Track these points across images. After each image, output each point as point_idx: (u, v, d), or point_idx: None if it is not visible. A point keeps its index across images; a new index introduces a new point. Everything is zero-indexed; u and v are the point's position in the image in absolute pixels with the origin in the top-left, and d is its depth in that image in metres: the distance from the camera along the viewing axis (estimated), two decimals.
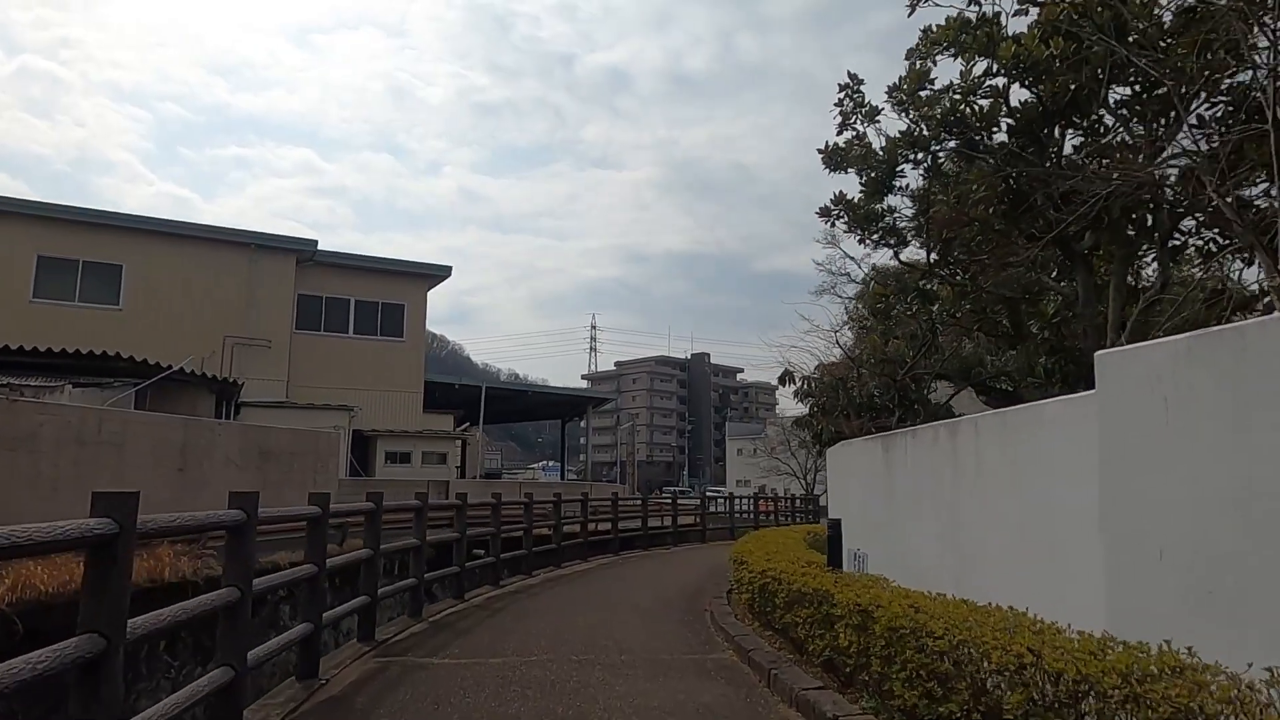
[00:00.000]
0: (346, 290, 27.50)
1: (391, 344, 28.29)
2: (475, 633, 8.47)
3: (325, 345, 26.93)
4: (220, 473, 18.38)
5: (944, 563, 7.10)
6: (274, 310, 25.35)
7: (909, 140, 10.21)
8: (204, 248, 24.56)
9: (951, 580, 6.77)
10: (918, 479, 7.91)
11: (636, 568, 16.10)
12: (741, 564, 9.55)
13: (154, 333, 22.63)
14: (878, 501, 9.22)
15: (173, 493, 15.95)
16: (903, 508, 8.44)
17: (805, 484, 56.92)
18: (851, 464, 10.74)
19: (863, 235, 11.57)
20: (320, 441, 21.92)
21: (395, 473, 26.53)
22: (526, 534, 14.58)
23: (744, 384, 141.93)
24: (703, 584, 13.01)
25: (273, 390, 24.96)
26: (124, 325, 22.78)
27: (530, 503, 14.81)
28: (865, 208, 11.29)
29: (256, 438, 20.01)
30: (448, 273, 29.37)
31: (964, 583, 6.58)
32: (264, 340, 25.00)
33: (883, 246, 11.54)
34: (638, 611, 9.93)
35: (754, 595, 8.19)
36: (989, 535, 6.32)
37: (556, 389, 40.23)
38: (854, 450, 10.63)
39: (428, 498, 10.08)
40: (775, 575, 7.54)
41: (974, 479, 6.57)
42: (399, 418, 27.97)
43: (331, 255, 27.37)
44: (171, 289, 23.86)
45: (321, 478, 22.06)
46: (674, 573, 15.02)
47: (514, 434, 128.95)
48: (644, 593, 11.91)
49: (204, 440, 18.12)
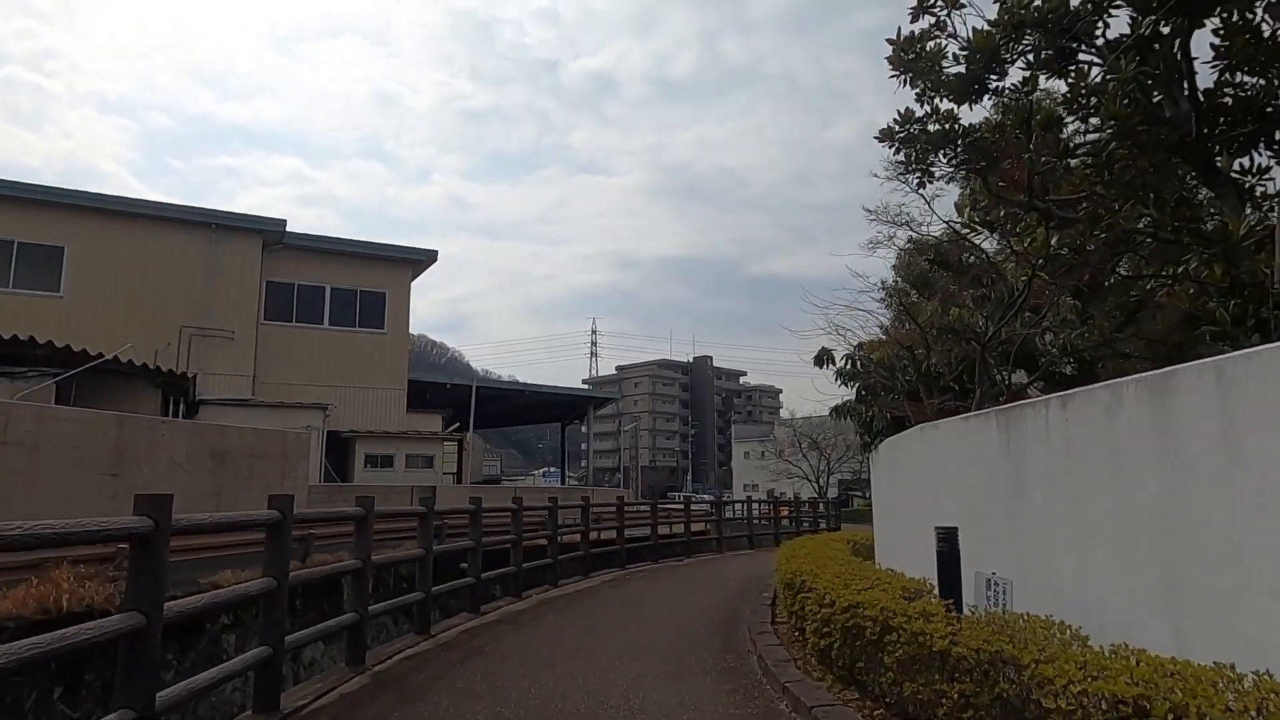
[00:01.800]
0: (321, 277, 24.93)
1: (371, 336, 25.70)
2: (429, 699, 5.85)
3: (297, 337, 24.34)
4: (163, 478, 15.90)
5: (1143, 599, 4.52)
6: (238, 298, 22.76)
7: (1013, 22, 7.64)
8: (158, 228, 21.98)
9: (1166, 630, 4.20)
10: (1082, 470, 5.31)
11: (648, 586, 13.48)
12: (801, 589, 6.94)
13: (100, 322, 20.06)
14: (994, 505, 6.62)
15: (102, 501, 13.48)
16: (1042, 513, 5.84)
17: (818, 487, 54.28)
18: (936, 454, 8.15)
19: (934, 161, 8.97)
20: (287, 443, 19.38)
21: (376, 478, 23.92)
22: (515, 547, 11.98)
23: (747, 387, 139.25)
24: (733, 608, 10.41)
25: (237, 387, 22.39)
26: (65, 314, 20.22)
27: (519, 509, 12.20)
28: (944, 125, 8.72)
29: (210, 438, 17.47)
30: (433, 257, 26.78)
31: (1193, 635, 4.03)
32: (226, 331, 22.41)
33: (963, 173, 8.96)
34: (657, 655, 7.32)
35: (835, 641, 5.57)
36: (1260, 557, 3.72)
37: (554, 388, 37.61)
38: (942, 436, 8.03)
39: (373, 504, 7.47)
40: (874, 615, 4.94)
41: (1222, 464, 3.98)
42: (380, 417, 25.38)
43: (303, 238, 24.81)
44: (120, 274, 21.28)
45: (289, 483, 19.47)
46: (694, 593, 12.40)
47: (514, 440, 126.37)
48: (661, 624, 9.29)
49: (143, 441, 15.62)
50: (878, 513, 13.24)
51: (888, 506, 11.35)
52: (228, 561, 11.54)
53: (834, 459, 55.57)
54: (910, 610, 4.77)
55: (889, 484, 11.04)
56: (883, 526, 12.64)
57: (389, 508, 11.39)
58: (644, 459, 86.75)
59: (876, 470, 12.57)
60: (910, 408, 10.60)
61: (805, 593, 6.59)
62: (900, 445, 9.72)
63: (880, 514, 12.85)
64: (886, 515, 11.87)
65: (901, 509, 9.97)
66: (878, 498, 12.90)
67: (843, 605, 5.47)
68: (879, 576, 6.58)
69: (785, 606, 7.93)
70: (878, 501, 13.01)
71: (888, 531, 11.92)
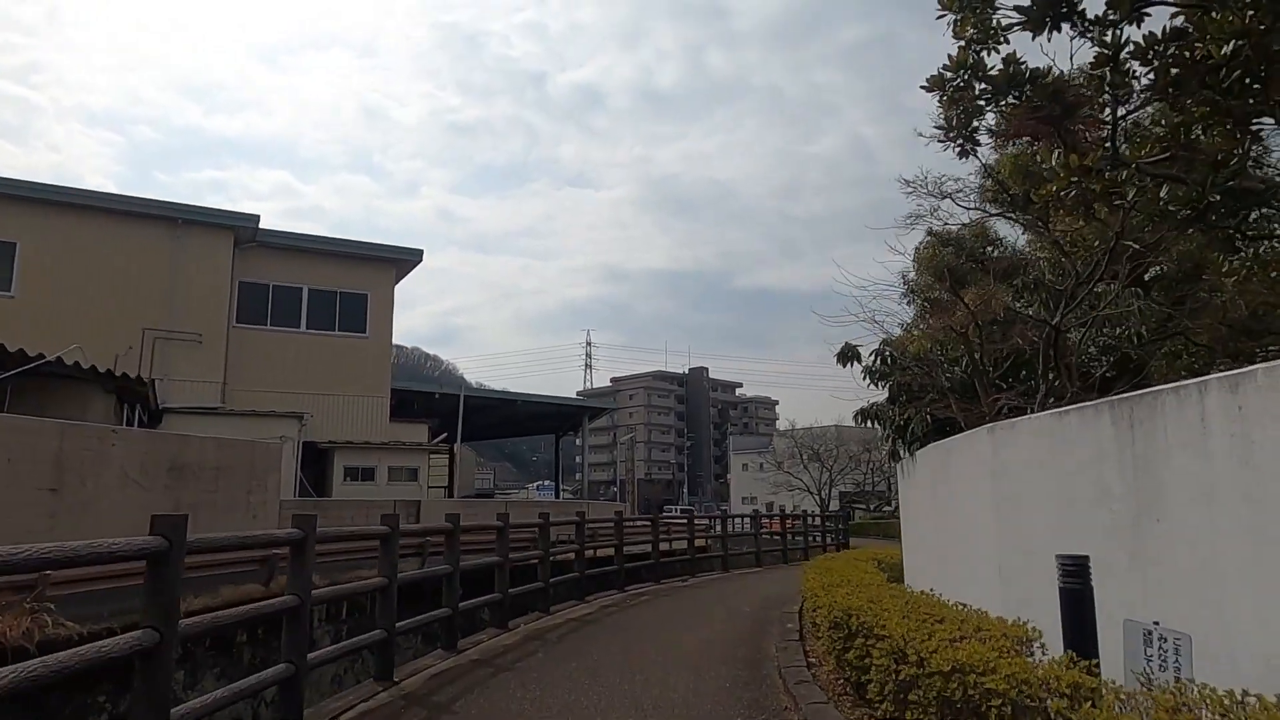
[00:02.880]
0: (298, 277, 23.35)
1: (352, 340, 24.11)
2: None
3: (271, 342, 22.75)
4: (113, 493, 14.28)
5: None
6: (206, 298, 21.16)
7: None
8: (119, 223, 20.39)
9: None
10: (1269, 483, 3.81)
11: (652, 613, 11.91)
12: (859, 633, 5.41)
13: (54, 324, 18.45)
14: (1109, 529, 5.10)
15: (39, 519, 11.95)
16: (1196, 542, 4.34)
17: (819, 499, 52.66)
18: (1012, 460, 6.64)
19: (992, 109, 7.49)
20: (256, 454, 17.76)
21: (356, 492, 22.31)
22: (500, 569, 10.43)
23: (743, 399, 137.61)
24: (756, 644, 8.85)
25: (205, 394, 20.78)
26: (16, 314, 18.62)
27: (505, 526, 10.65)
28: (1008, 66, 7.26)
29: (168, 449, 15.85)
30: (418, 257, 25.24)
31: None
32: (193, 334, 20.81)
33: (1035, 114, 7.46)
34: (674, 717, 5.77)
35: (929, 717, 4.03)
36: None
37: (547, 398, 36.01)
38: (1021, 439, 6.51)
39: (314, 524, 5.93)
40: (999, 689, 3.41)
41: None
42: (361, 427, 23.77)
43: (279, 235, 23.25)
44: (78, 272, 19.67)
45: (258, 498, 17.86)
46: (706, 622, 10.84)
47: (508, 453, 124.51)
48: (672, 665, 7.74)
49: (90, 452, 14.00)
50: (911, 530, 11.71)
51: (930, 523, 9.83)
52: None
53: (836, 471, 54.03)
54: (1057, 684, 3.25)
55: (932, 497, 9.51)
56: (918, 545, 11.12)
57: (342, 528, 9.85)
58: (639, 472, 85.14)
59: (911, 481, 11.05)
60: (959, 408, 9.09)
61: (870, 640, 5.05)
62: (954, 451, 8.20)
63: (915, 531, 11.33)
64: (925, 533, 10.35)
65: (954, 527, 8.45)
66: (912, 512, 11.38)
67: (939, 667, 3.93)
68: (960, 617, 5.06)
69: (827, 645, 6.37)
70: (912, 517, 11.49)
71: (925, 551, 10.41)
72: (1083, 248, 9.76)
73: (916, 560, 11.34)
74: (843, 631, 5.87)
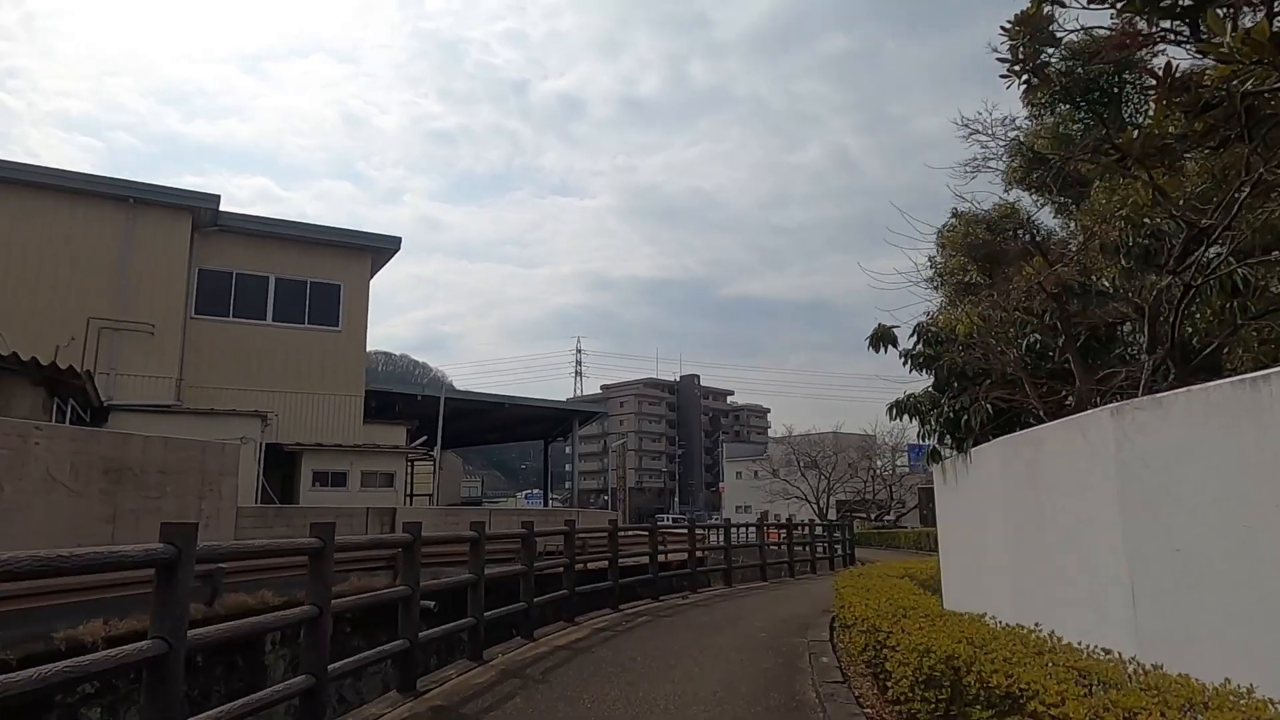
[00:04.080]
0: (264, 265, 21.50)
1: (324, 335, 22.28)
2: None
3: (234, 335, 20.89)
4: (38, 498, 12.55)
5: None
6: (160, 286, 19.30)
7: None
8: (63, 200, 18.52)
9: None
10: None
11: (654, 641, 10.12)
12: (987, 701, 3.66)
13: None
14: None
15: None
16: None
17: (817, 508, 50.90)
18: (1147, 454, 4.92)
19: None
20: (209, 456, 15.94)
21: (325, 498, 20.48)
22: (474, 590, 8.65)
23: (735, 406, 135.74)
24: (789, 684, 7.09)
25: (158, 390, 18.91)
26: None
27: (480, 537, 8.86)
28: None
29: (105, 449, 14.06)
30: (396, 245, 23.43)
31: None
32: (146, 325, 18.95)
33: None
34: None
35: None
36: None
37: (536, 401, 34.19)
38: (1169, 425, 4.78)
39: (197, 533, 4.17)
40: None
41: None
42: (333, 429, 21.93)
43: (243, 219, 21.41)
44: (14, 254, 17.79)
45: (211, 504, 16.02)
46: (721, 653, 9.07)
47: (496, 461, 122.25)
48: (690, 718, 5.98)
49: (8, 450, 12.33)
50: (959, 542, 10.00)
51: (996, 534, 8.10)
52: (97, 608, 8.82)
53: (834, 478, 52.32)
54: None
55: (1004, 502, 7.79)
56: (970, 561, 9.41)
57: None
58: (630, 480, 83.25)
59: (962, 486, 9.33)
60: (1033, 394, 7.38)
61: (998, 699, 3.30)
62: (1047, 441, 6.47)
63: (965, 544, 9.62)
64: (983, 545, 8.63)
65: (1044, 540, 6.72)
66: (962, 520, 9.67)
67: None
68: (1118, 671, 3.34)
69: (920, 708, 4.61)
70: (961, 526, 9.77)
71: (983, 569, 8.71)
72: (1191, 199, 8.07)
73: (966, 578, 9.65)
74: (943, 692, 4.11)
